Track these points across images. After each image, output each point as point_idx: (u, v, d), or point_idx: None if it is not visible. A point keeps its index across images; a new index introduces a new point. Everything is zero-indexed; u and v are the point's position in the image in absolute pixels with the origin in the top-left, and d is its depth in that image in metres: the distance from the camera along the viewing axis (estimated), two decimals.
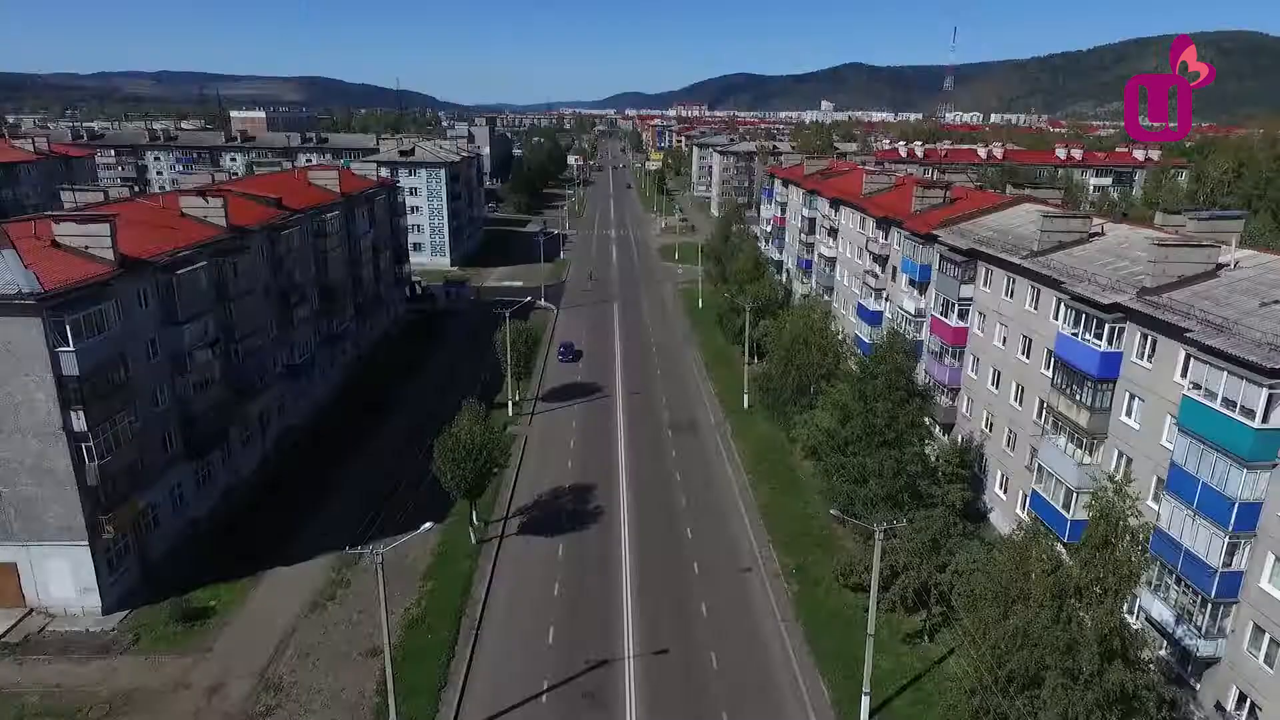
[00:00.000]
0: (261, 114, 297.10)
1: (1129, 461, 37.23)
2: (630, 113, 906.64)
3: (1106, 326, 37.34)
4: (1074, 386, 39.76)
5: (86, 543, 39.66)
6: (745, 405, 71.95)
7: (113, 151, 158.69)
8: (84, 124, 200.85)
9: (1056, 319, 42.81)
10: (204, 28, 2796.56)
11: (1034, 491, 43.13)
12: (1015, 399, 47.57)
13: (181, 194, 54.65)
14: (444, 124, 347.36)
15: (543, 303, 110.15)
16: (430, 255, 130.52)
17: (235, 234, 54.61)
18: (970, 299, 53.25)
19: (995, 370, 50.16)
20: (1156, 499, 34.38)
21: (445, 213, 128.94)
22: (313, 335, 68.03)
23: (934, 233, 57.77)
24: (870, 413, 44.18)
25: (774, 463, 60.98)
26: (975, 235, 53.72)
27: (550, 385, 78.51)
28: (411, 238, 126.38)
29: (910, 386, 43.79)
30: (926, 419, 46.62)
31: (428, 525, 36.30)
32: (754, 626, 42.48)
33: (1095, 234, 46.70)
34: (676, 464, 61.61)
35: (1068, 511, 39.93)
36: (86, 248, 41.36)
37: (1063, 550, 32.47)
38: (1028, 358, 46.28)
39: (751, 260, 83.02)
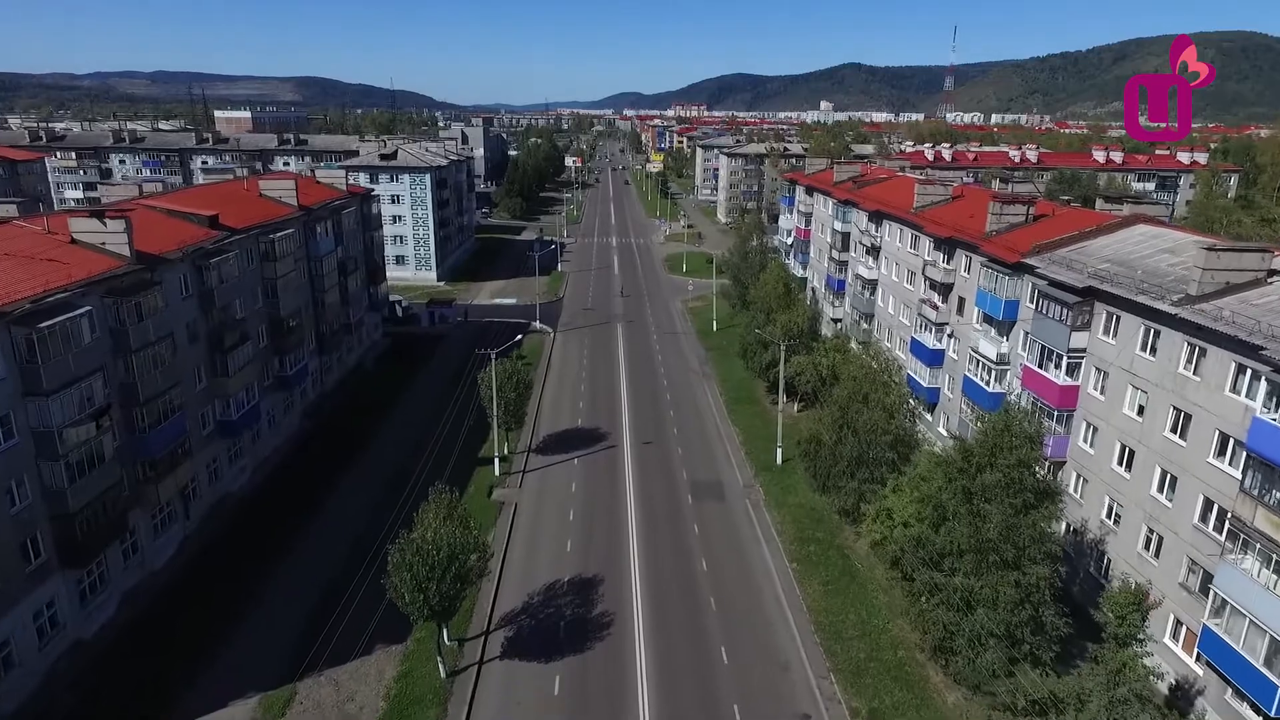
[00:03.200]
0: (247, 114, 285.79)
1: None
2: (629, 113, 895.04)
3: None
4: None
5: None
6: (779, 461, 60.24)
7: (74, 154, 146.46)
8: (44, 124, 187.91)
9: (1241, 393, 31.20)
10: (202, 28, 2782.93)
11: (1207, 630, 31.47)
12: (1160, 489, 35.89)
13: (72, 215, 42.79)
14: (440, 124, 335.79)
15: (538, 324, 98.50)
16: (415, 269, 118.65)
17: (142, 265, 42.79)
18: (1083, 350, 41.58)
19: (1124, 446, 38.47)
20: None
21: (431, 222, 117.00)
22: (258, 380, 56.20)
23: (1026, 261, 46.14)
24: (978, 517, 32.50)
25: (822, 544, 49.21)
26: (1087, 267, 41.98)
27: (546, 432, 66.67)
28: (394, 250, 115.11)
29: (1037, 486, 32.14)
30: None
31: None
32: None
33: (1273, 271, 35.05)
34: (701, 545, 49.82)
35: (1276, 673, 28.29)
36: None
37: None
38: (1182, 438, 34.59)
39: (781, 284, 71.17)
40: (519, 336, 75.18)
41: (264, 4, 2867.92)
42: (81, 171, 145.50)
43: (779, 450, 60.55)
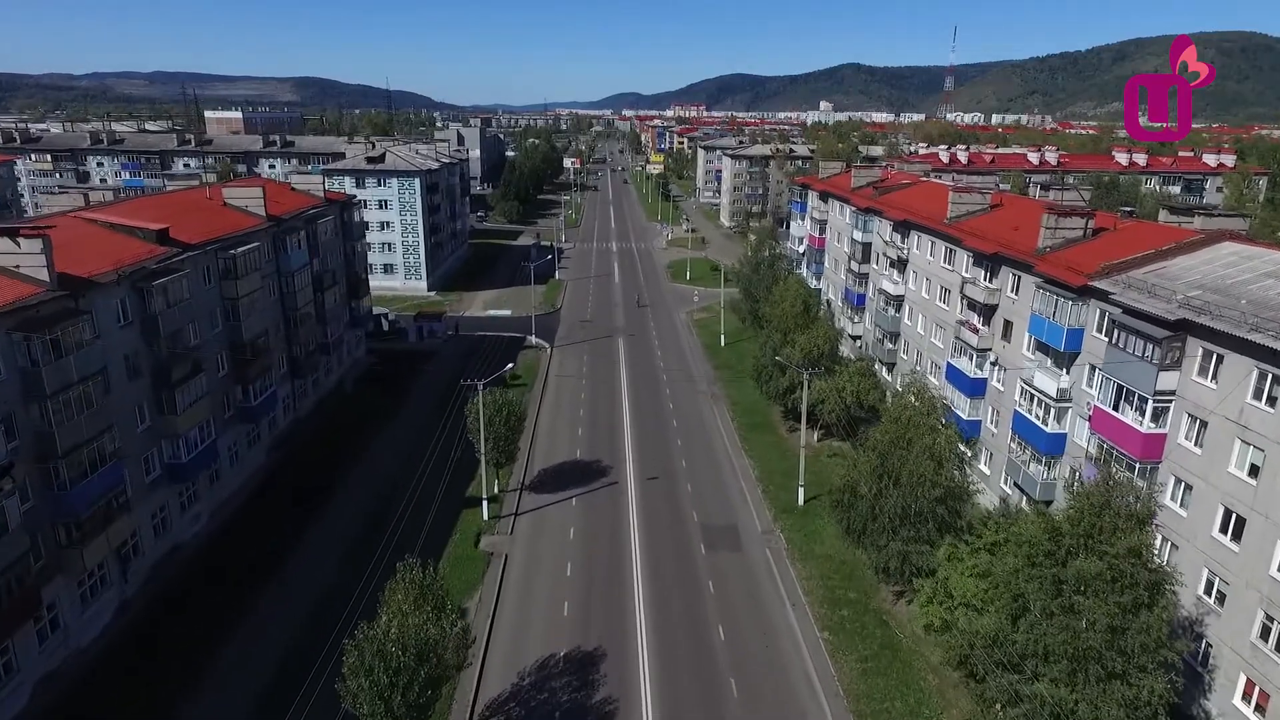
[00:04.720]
0: (238, 114, 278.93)
1: None
2: (628, 113, 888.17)
3: None
4: None
5: None
6: (801, 501, 53.99)
7: (49, 156, 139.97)
8: (22, 124, 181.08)
9: None
10: (201, 29, 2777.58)
11: None
12: None
13: None
14: (438, 125, 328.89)
15: (534, 339, 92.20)
16: (404, 279, 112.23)
17: (65, 291, 36.51)
18: (1172, 392, 35.32)
19: (1229, 512, 32.20)
20: None
21: (421, 229, 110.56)
22: (216, 414, 49.86)
23: (1094, 285, 39.88)
24: (1072, 614, 26.21)
25: (856, 607, 42.93)
26: (1175, 295, 35.73)
27: (541, 466, 60.33)
28: (382, 259, 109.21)
29: (1151, 579, 25.90)
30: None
31: None
32: None
33: None
34: (717, 608, 43.46)
35: None
36: None
37: None
38: None
39: (799, 301, 64.82)
40: (510, 366, 68.87)
41: (263, 4, 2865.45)
42: (57, 175, 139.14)
43: (801, 490, 54.30)
